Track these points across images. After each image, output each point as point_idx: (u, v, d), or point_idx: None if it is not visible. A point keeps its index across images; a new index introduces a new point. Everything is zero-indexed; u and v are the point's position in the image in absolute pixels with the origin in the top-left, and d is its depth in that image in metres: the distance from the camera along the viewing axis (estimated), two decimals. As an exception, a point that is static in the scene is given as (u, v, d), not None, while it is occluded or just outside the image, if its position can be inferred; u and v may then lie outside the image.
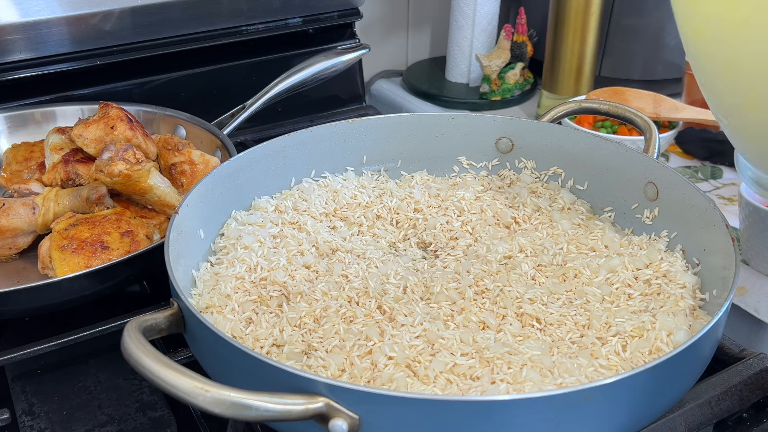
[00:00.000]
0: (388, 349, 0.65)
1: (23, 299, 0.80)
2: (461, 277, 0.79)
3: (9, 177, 1.06)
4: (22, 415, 0.77)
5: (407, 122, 0.98)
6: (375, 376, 0.63)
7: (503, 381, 0.61)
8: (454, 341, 0.67)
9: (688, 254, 0.79)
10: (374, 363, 0.64)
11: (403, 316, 0.70)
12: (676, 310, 0.70)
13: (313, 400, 0.52)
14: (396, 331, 0.68)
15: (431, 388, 0.61)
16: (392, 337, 0.67)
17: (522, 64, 1.58)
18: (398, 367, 0.63)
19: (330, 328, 0.69)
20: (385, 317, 0.71)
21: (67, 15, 1.13)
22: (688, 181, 0.80)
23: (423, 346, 0.66)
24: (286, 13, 1.34)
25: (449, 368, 0.63)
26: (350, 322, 0.70)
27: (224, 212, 0.86)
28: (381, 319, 0.70)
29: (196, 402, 0.51)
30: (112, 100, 1.07)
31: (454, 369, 0.63)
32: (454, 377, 0.63)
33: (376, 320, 0.70)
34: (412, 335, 0.67)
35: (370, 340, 0.67)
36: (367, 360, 0.65)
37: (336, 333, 0.68)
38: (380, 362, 0.64)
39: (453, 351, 0.65)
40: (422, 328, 0.68)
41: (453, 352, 0.65)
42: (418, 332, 0.68)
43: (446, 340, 0.67)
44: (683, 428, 0.69)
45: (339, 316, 0.71)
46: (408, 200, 0.93)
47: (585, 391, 0.53)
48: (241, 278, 0.76)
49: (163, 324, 0.63)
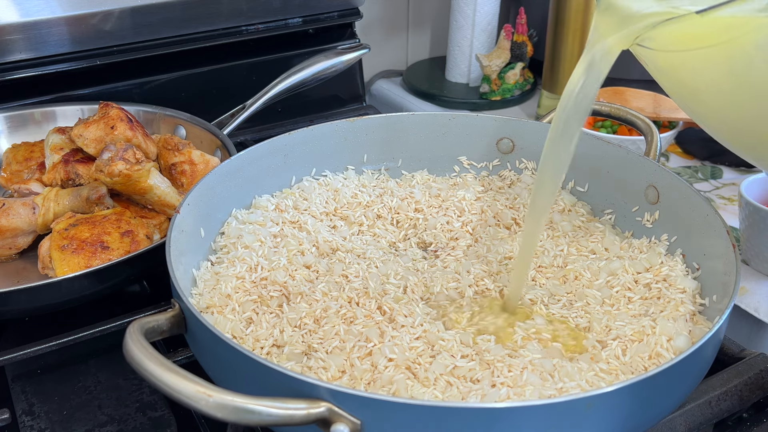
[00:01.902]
0: (388, 351, 0.65)
1: (23, 299, 0.80)
2: (461, 277, 0.79)
3: (9, 177, 1.06)
4: (22, 415, 0.77)
5: (408, 121, 0.98)
6: (375, 377, 0.63)
7: (504, 384, 0.61)
8: (454, 343, 0.67)
9: (689, 258, 0.79)
10: (374, 364, 0.64)
11: (403, 316, 0.70)
12: (676, 315, 0.71)
13: (315, 404, 0.52)
14: (396, 332, 0.68)
15: (431, 390, 0.61)
16: (392, 338, 0.67)
17: (522, 64, 1.58)
18: (398, 369, 0.63)
19: (330, 329, 0.69)
20: (385, 318, 0.71)
21: (67, 15, 1.13)
22: (690, 186, 0.80)
23: (423, 347, 0.66)
24: (286, 13, 1.34)
25: (449, 370, 0.63)
26: (350, 323, 0.70)
27: (225, 211, 0.86)
28: (381, 320, 0.70)
29: (198, 406, 0.51)
30: (112, 100, 1.07)
31: (454, 371, 0.63)
32: (454, 380, 0.63)
33: (376, 321, 0.70)
34: (412, 336, 0.67)
35: (370, 341, 0.67)
36: (368, 361, 0.65)
37: (336, 334, 0.68)
38: (380, 364, 0.64)
39: (453, 353, 0.65)
40: (422, 329, 0.68)
41: (453, 354, 0.65)
42: (418, 333, 0.68)
43: (446, 341, 0.67)
44: (683, 428, 0.70)
45: (339, 316, 0.70)
46: (408, 200, 0.93)
47: (587, 398, 0.53)
48: (241, 278, 0.76)
49: (164, 326, 0.63)
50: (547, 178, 0.70)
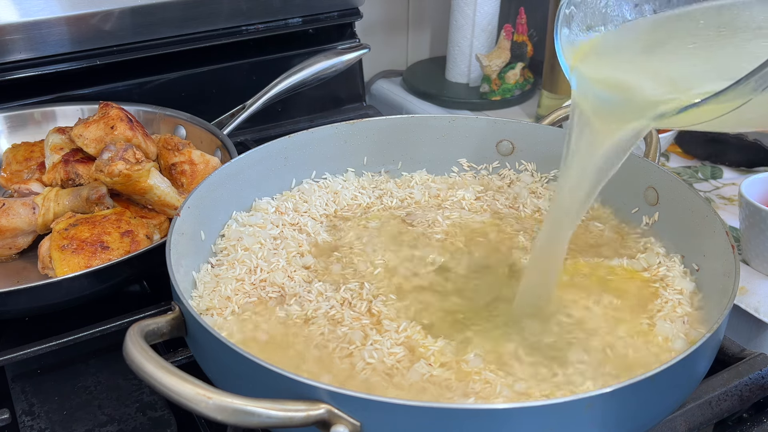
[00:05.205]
0: (367, 355, 0.66)
1: (23, 299, 0.80)
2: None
3: (9, 177, 1.06)
4: (22, 415, 0.77)
5: (408, 124, 0.98)
6: (353, 375, 0.64)
7: (476, 394, 0.62)
8: (435, 350, 0.67)
9: (688, 259, 0.79)
10: (353, 365, 0.65)
11: (389, 321, 0.71)
12: (673, 317, 0.71)
13: (314, 406, 0.53)
14: (379, 337, 0.68)
15: (405, 393, 0.62)
16: (374, 342, 0.68)
17: (522, 64, 1.57)
18: (375, 372, 0.64)
19: (315, 329, 0.70)
20: (371, 321, 0.71)
21: (67, 15, 1.13)
22: (689, 186, 0.80)
23: (403, 353, 0.67)
24: (286, 13, 1.34)
25: (425, 379, 0.64)
26: (337, 324, 0.71)
27: (225, 213, 0.86)
28: (367, 323, 0.71)
29: (198, 408, 0.51)
30: (112, 100, 1.07)
31: (430, 379, 0.64)
32: (428, 385, 0.63)
33: (362, 324, 0.70)
34: (395, 342, 0.68)
35: (352, 343, 0.68)
36: (347, 361, 0.66)
37: (321, 334, 0.69)
38: (358, 365, 0.65)
39: (431, 362, 0.66)
40: (405, 335, 0.69)
41: (431, 363, 0.65)
42: (401, 339, 0.68)
43: (426, 349, 0.67)
44: (683, 428, 0.70)
45: (327, 318, 0.71)
46: (408, 200, 0.93)
47: (587, 399, 0.53)
48: (241, 280, 0.77)
49: (165, 328, 0.63)
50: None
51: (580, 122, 0.65)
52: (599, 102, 0.64)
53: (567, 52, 0.66)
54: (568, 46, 0.66)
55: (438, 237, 0.86)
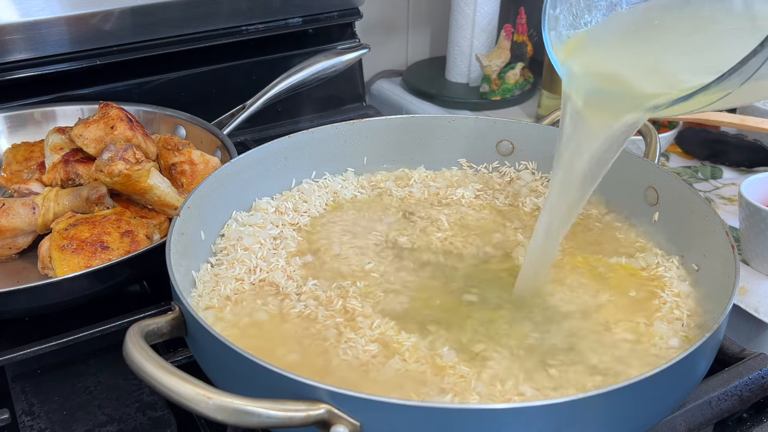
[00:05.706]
0: (342, 353, 0.67)
1: (23, 299, 0.80)
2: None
3: (9, 177, 1.06)
4: (22, 415, 0.77)
5: (408, 124, 0.98)
6: (329, 371, 0.65)
7: (451, 392, 0.62)
8: (409, 345, 0.67)
9: (688, 259, 0.79)
10: (328, 360, 0.66)
11: (362, 318, 0.71)
12: (671, 317, 0.71)
13: (314, 406, 0.53)
14: (353, 335, 0.69)
15: (381, 389, 0.63)
16: (348, 340, 0.68)
17: (522, 64, 1.58)
18: (350, 368, 0.65)
19: (290, 327, 0.71)
20: (345, 318, 0.72)
21: (67, 15, 1.13)
22: (689, 186, 0.80)
23: (378, 350, 0.67)
24: (286, 13, 1.34)
25: (401, 374, 0.64)
26: (313, 320, 0.71)
27: (225, 213, 0.86)
28: (341, 321, 0.71)
29: (198, 408, 0.51)
30: (112, 100, 1.07)
31: (405, 374, 0.64)
32: (404, 380, 0.64)
33: (336, 322, 0.71)
34: (369, 339, 0.68)
35: (327, 340, 0.69)
36: (322, 357, 0.67)
37: (294, 333, 0.70)
38: (333, 362, 0.66)
39: (406, 358, 0.66)
40: (380, 332, 0.69)
41: (406, 359, 0.66)
42: (375, 336, 0.69)
43: (401, 345, 0.67)
44: (683, 428, 0.70)
45: (302, 317, 0.72)
46: (408, 199, 0.93)
47: (587, 399, 0.53)
48: (240, 279, 0.77)
49: (165, 328, 0.63)
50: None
51: (572, 116, 0.66)
52: (590, 94, 0.64)
53: (556, 46, 0.66)
54: (557, 40, 0.66)
55: (437, 235, 0.86)
